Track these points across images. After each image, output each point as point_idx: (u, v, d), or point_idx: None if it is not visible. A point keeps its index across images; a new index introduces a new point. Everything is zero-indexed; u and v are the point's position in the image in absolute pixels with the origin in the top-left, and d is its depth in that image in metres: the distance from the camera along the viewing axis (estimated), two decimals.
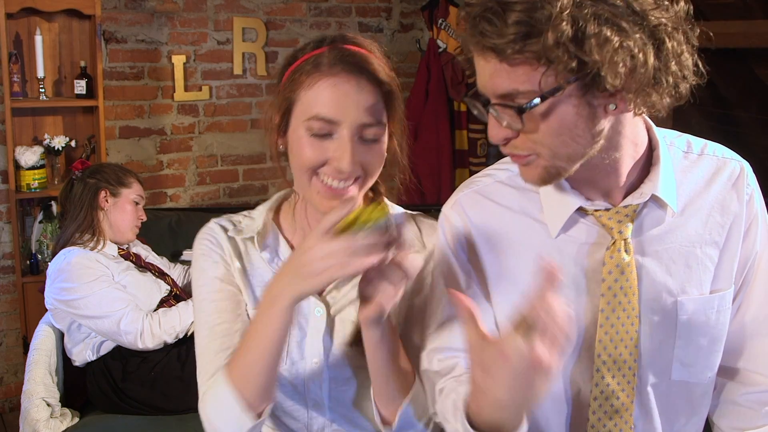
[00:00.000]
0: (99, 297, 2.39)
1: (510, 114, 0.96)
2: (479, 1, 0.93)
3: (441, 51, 4.03)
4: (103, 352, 2.48)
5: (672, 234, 1.10)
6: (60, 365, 2.55)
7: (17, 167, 3.34)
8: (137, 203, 2.68)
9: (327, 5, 4.19)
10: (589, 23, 0.88)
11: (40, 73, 3.34)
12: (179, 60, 3.83)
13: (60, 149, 3.43)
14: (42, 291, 2.55)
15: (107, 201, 2.61)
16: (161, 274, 2.69)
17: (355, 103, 1.09)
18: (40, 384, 2.40)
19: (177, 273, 2.88)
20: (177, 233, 3.33)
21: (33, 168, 3.35)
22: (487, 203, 1.16)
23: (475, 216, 1.16)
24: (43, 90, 3.38)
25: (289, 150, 1.16)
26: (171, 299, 2.61)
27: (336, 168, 1.10)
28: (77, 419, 2.42)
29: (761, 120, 2.85)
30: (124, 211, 2.63)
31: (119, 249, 2.62)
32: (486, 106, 0.99)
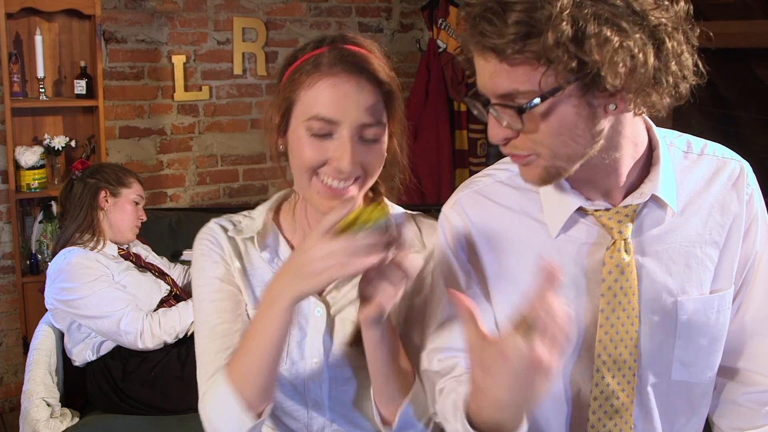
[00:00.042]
0: (99, 297, 2.39)
1: (510, 114, 0.96)
2: (479, 1, 0.93)
3: (441, 51, 4.03)
4: (103, 352, 2.48)
5: (672, 234, 1.10)
6: (60, 365, 2.55)
7: (17, 167, 3.34)
8: (137, 203, 2.68)
9: (327, 5, 4.19)
10: (589, 23, 0.88)
11: (40, 73, 3.34)
12: (179, 60, 3.83)
13: (60, 149, 3.43)
14: (42, 291, 2.55)
15: (107, 201, 2.61)
16: (161, 274, 2.69)
17: (355, 103, 1.09)
18: (40, 384, 2.40)
19: (177, 273, 2.88)
20: (177, 233, 3.33)
21: (33, 168, 3.35)
22: (487, 203, 1.15)
23: (475, 216, 1.16)
24: (43, 90, 3.38)
25: (289, 150, 1.16)
26: (171, 299, 2.61)
27: (336, 168, 1.10)
28: (77, 419, 2.42)
29: (761, 120, 2.85)
30: (124, 211, 2.63)
31: (119, 249, 2.62)
32: (486, 106, 0.99)
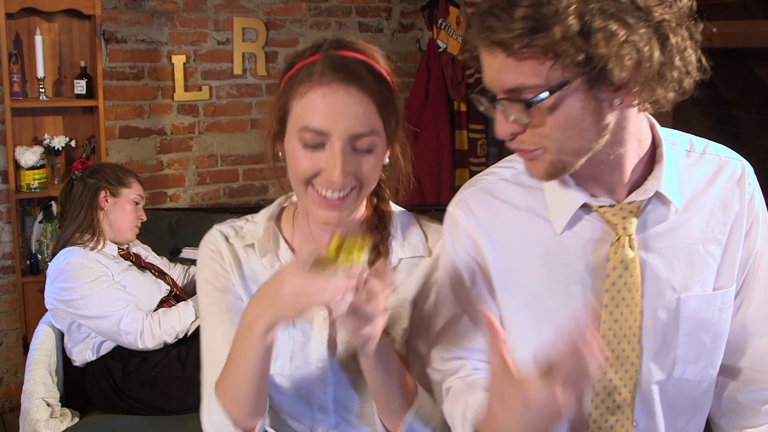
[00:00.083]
0: (99, 297, 2.39)
1: (517, 108, 0.96)
2: None
3: (441, 51, 4.02)
4: (103, 352, 2.48)
5: (675, 231, 1.10)
6: (60, 365, 2.55)
7: (17, 167, 3.34)
8: (137, 203, 2.68)
9: (327, 5, 4.19)
10: (596, 18, 0.89)
11: (40, 73, 3.34)
12: (179, 60, 3.83)
13: (60, 149, 3.43)
14: (42, 291, 2.55)
15: (107, 201, 2.61)
16: (161, 274, 2.69)
17: (346, 114, 1.07)
18: (40, 384, 2.40)
19: (177, 273, 2.88)
20: (177, 233, 3.33)
21: (33, 168, 3.34)
22: (492, 201, 1.16)
23: (481, 213, 1.16)
24: (43, 90, 3.38)
25: (286, 158, 1.15)
26: (171, 299, 2.61)
27: (327, 180, 1.09)
28: (77, 419, 2.42)
29: (761, 120, 2.85)
30: (124, 211, 2.63)
31: (119, 249, 2.62)
32: (493, 102, 0.99)
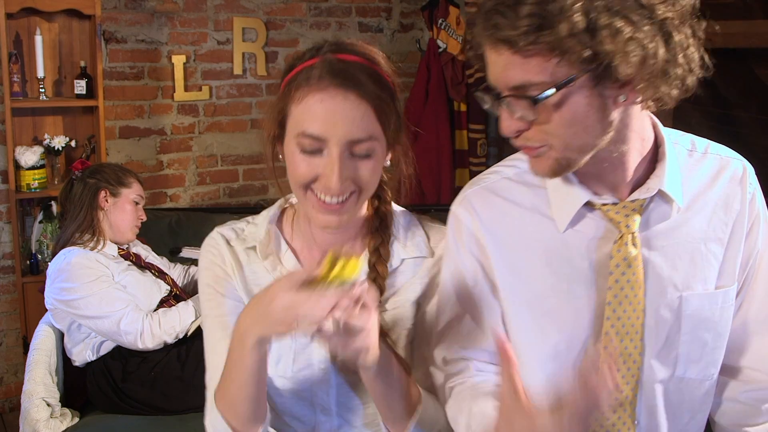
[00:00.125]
0: (99, 297, 2.39)
1: (523, 105, 0.97)
2: None
3: (441, 51, 4.02)
4: (103, 352, 2.48)
5: (678, 230, 1.11)
6: (60, 365, 2.55)
7: (17, 167, 3.34)
8: (137, 203, 2.67)
9: (327, 5, 4.19)
10: (601, 15, 0.90)
11: (40, 73, 3.34)
12: (179, 60, 3.83)
13: (60, 149, 3.43)
14: (42, 291, 2.55)
15: (107, 201, 2.61)
16: (161, 274, 2.69)
17: (343, 119, 1.07)
18: (40, 384, 2.40)
19: (177, 273, 2.88)
20: (177, 233, 3.33)
21: (33, 168, 3.35)
22: (496, 199, 1.16)
23: (484, 212, 1.17)
24: (43, 90, 3.38)
25: (286, 161, 1.15)
26: (171, 299, 2.61)
27: (325, 185, 1.09)
28: (77, 419, 2.42)
29: (761, 120, 2.84)
30: (124, 211, 2.63)
31: (119, 249, 2.62)
32: (498, 99, 0.99)
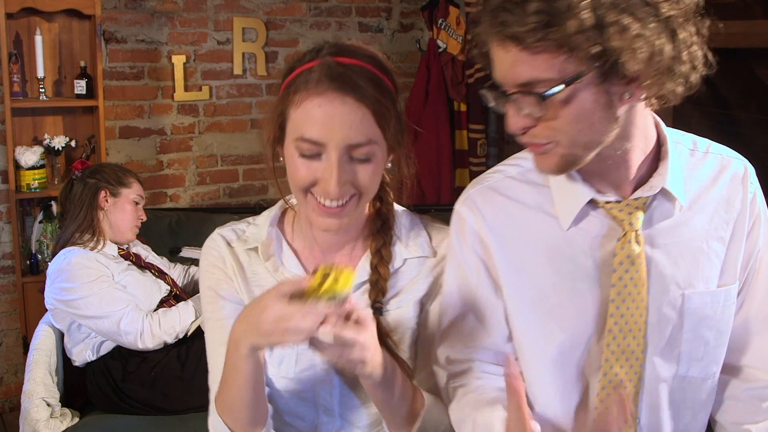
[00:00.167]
0: (99, 297, 2.39)
1: (531, 102, 0.97)
2: None
3: (441, 51, 4.02)
4: (103, 352, 2.48)
5: (680, 228, 1.12)
6: (60, 365, 2.55)
7: (17, 167, 3.34)
8: (137, 203, 2.68)
9: (327, 5, 4.19)
10: (609, 12, 0.91)
11: (40, 73, 3.34)
12: (179, 60, 3.83)
13: (60, 149, 3.43)
14: (42, 291, 2.55)
15: (107, 201, 2.61)
16: (161, 274, 2.69)
17: (341, 124, 1.06)
18: (40, 384, 2.40)
19: (177, 273, 2.88)
20: (177, 233, 3.33)
21: (33, 168, 3.34)
22: (499, 198, 1.17)
23: (487, 211, 1.17)
24: (43, 90, 3.38)
25: (286, 164, 1.15)
26: (171, 299, 2.61)
27: (324, 190, 1.09)
28: (77, 419, 2.42)
29: (761, 120, 2.84)
30: (124, 211, 2.63)
31: (119, 249, 2.62)
32: (504, 96, 0.99)
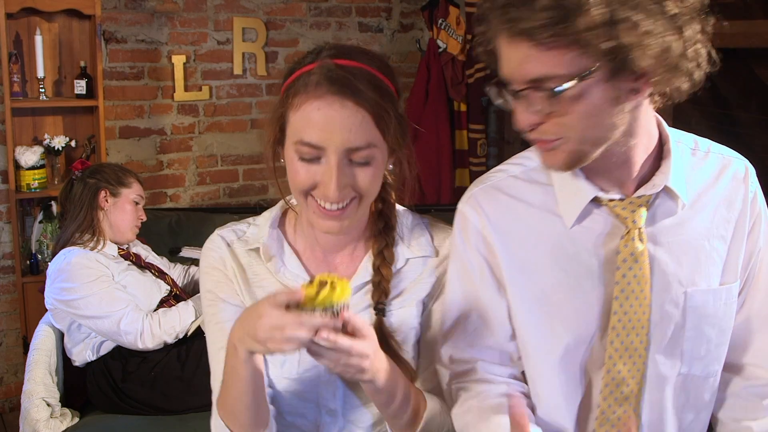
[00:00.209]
0: (99, 297, 2.39)
1: (541, 98, 0.97)
2: None
3: (441, 51, 4.02)
4: (103, 352, 2.48)
5: (682, 226, 1.12)
6: (60, 365, 2.55)
7: (17, 167, 3.34)
8: (137, 203, 2.68)
9: (327, 5, 4.19)
10: (619, 8, 0.91)
11: (40, 73, 3.34)
12: (179, 60, 3.83)
13: (60, 149, 3.43)
14: (42, 291, 2.55)
15: (107, 201, 2.61)
16: (161, 274, 2.69)
17: (341, 128, 1.06)
18: (40, 384, 2.40)
19: (177, 273, 2.88)
20: (177, 233, 3.33)
21: (33, 168, 3.35)
22: (502, 197, 1.17)
23: (491, 210, 1.17)
24: (43, 90, 3.38)
25: (286, 166, 1.15)
26: (171, 299, 2.61)
27: (324, 193, 1.09)
28: (77, 419, 2.42)
29: (761, 120, 2.84)
30: (124, 211, 2.63)
31: (119, 249, 2.62)
32: (514, 93, 0.99)
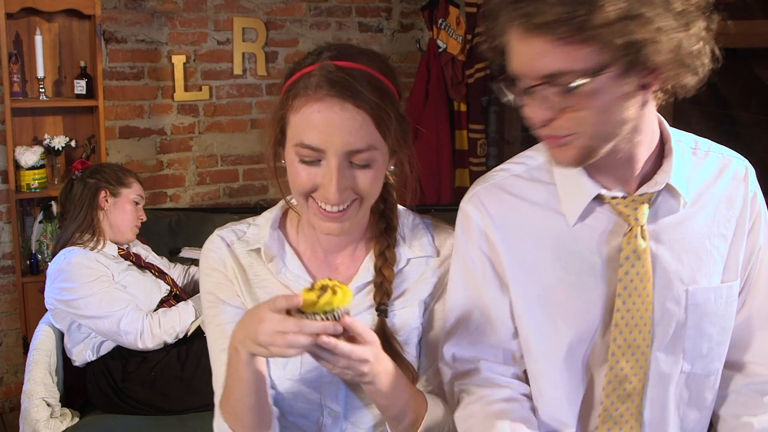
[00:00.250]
0: (99, 297, 2.39)
1: (555, 94, 0.97)
2: None
3: (441, 51, 4.02)
4: (103, 352, 2.48)
5: (684, 224, 1.13)
6: (60, 365, 2.55)
7: (17, 167, 3.34)
8: (137, 203, 2.68)
9: (327, 5, 4.19)
10: (633, 4, 0.92)
11: (40, 73, 3.34)
12: (179, 60, 3.83)
13: (60, 149, 3.43)
14: (42, 291, 2.55)
15: (107, 201, 2.61)
16: (161, 274, 2.69)
17: (341, 130, 1.06)
18: (40, 384, 2.40)
19: (177, 273, 2.88)
20: (177, 233, 3.33)
21: (33, 168, 3.34)
22: (505, 196, 1.18)
23: (493, 208, 1.18)
24: (43, 90, 3.38)
25: (287, 167, 1.15)
26: (171, 299, 2.61)
27: (324, 195, 1.09)
28: (77, 419, 2.42)
29: (761, 120, 2.84)
30: (124, 211, 2.63)
31: (119, 249, 2.62)
32: (526, 89, 0.99)
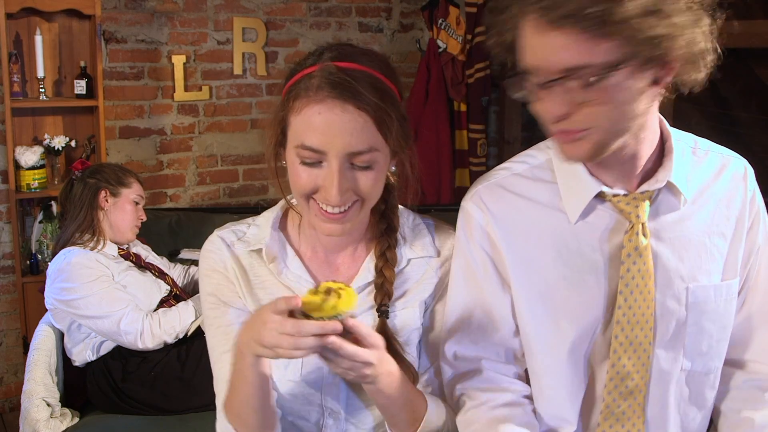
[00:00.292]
0: (99, 297, 2.39)
1: (575, 88, 0.97)
2: None
3: (441, 51, 4.02)
4: (103, 352, 2.48)
5: (684, 223, 1.13)
6: (60, 365, 2.55)
7: (17, 167, 3.34)
8: (137, 203, 2.67)
9: (327, 5, 4.19)
10: (652, 1, 0.92)
11: (40, 73, 3.34)
12: (179, 60, 3.83)
13: (60, 149, 3.43)
14: (42, 291, 2.55)
15: (107, 201, 2.61)
16: (161, 274, 2.69)
17: (342, 132, 1.06)
18: (40, 384, 2.40)
19: (177, 273, 2.88)
20: (177, 233, 3.33)
21: (33, 168, 3.34)
22: (506, 194, 1.18)
23: (495, 206, 1.18)
24: (43, 90, 3.38)
25: (288, 168, 1.15)
26: (171, 299, 2.61)
27: (325, 197, 1.09)
28: (77, 419, 2.42)
29: (761, 120, 2.85)
30: (124, 211, 2.63)
31: (119, 249, 2.62)
32: (545, 83, 0.99)
